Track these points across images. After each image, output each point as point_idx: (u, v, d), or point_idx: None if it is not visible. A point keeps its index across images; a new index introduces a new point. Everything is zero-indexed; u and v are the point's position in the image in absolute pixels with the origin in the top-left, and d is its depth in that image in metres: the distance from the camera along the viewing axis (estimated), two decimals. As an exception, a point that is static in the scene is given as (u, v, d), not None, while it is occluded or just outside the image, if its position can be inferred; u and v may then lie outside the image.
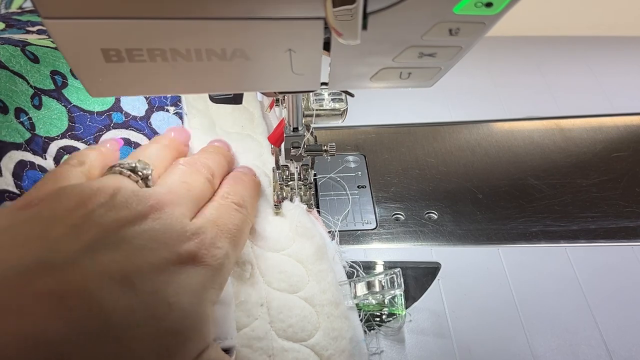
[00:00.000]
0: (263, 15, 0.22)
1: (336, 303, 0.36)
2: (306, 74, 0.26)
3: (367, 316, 0.38)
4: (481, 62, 0.66)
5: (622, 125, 0.58)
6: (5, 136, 0.40)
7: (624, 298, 0.41)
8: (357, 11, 0.21)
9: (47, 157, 0.42)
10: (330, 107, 0.39)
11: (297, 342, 0.34)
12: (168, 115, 0.50)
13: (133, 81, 0.25)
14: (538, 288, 0.41)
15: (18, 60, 0.43)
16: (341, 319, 0.36)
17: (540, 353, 0.37)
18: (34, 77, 0.43)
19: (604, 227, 0.46)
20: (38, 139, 0.42)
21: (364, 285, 0.38)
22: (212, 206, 0.36)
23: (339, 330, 0.35)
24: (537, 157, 0.54)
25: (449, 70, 0.27)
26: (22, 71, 0.43)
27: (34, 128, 0.42)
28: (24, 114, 0.42)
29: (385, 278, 0.38)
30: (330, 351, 0.34)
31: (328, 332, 0.35)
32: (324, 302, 0.37)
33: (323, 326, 0.35)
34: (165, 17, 0.22)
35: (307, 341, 0.35)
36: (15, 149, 0.40)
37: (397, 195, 0.49)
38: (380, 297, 0.38)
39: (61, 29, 0.22)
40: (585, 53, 0.69)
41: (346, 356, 0.34)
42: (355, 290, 0.38)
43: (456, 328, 0.39)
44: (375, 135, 0.56)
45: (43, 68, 0.44)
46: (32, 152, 0.41)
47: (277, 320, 0.36)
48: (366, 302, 0.38)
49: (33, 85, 0.43)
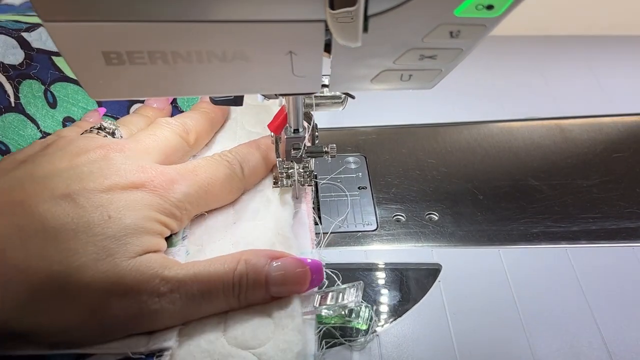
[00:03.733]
0: (264, 17, 0.22)
1: (292, 316, 0.36)
2: (307, 76, 0.26)
3: (328, 330, 0.37)
4: (481, 62, 0.66)
5: (623, 125, 0.58)
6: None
7: (625, 299, 0.41)
8: (357, 13, 0.21)
9: None
10: (331, 94, 0.39)
11: (245, 349, 0.34)
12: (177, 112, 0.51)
13: (134, 84, 0.25)
14: (539, 289, 0.41)
15: (36, 103, 0.45)
16: (294, 332, 0.35)
17: (541, 355, 0.37)
18: (46, 122, 0.46)
19: (604, 228, 0.46)
20: None
21: (326, 296, 0.37)
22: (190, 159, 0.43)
23: (289, 342, 0.35)
24: (538, 157, 0.54)
25: (449, 72, 0.27)
26: (36, 116, 0.45)
27: None
28: None
29: (348, 290, 0.37)
30: None
31: (278, 344, 0.34)
32: (282, 314, 0.36)
33: (275, 337, 0.35)
34: (166, 19, 0.22)
35: (256, 349, 0.34)
36: None
37: (397, 196, 0.49)
38: (339, 309, 0.37)
39: (62, 31, 0.22)
40: (586, 53, 0.69)
41: None
42: (316, 302, 0.38)
43: (457, 330, 0.39)
44: (375, 136, 0.56)
45: (57, 115, 0.47)
46: None
47: (231, 330, 0.35)
48: (326, 314, 0.37)
49: (43, 130, 0.45)
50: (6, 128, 0.42)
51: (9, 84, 0.43)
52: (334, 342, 0.37)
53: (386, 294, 0.41)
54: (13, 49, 0.44)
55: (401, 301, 0.40)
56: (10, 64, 0.43)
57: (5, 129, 0.42)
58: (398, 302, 0.40)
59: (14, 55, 0.44)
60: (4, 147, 0.42)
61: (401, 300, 0.40)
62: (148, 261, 0.34)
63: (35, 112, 0.45)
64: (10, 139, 0.42)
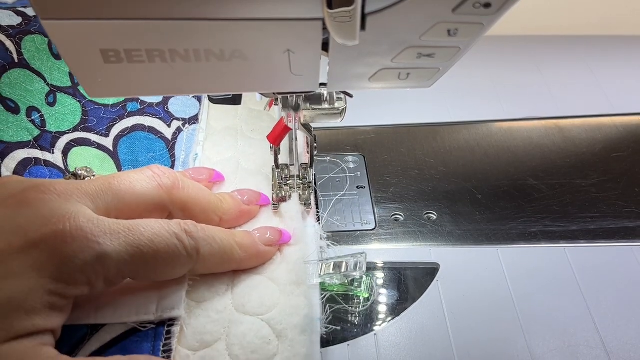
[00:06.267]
0: (262, 16, 0.22)
1: (298, 283, 0.38)
2: (305, 75, 0.26)
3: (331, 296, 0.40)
4: (480, 61, 0.66)
5: (622, 125, 0.58)
6: (12, 137, 0.41)
7: (623, 298, 0.41)
8: (355, 13, 0.21)
9: (54, 151, 0.43)
10: (329, 106, 0.39)
11: (253, 315, 0.36)
12: (187, 98, 0.51)
13: (132, 82, 0.25)
14: (537, 288, 0.41)
15: (41, 57, 0.44)
16: (300, 297, 0.37)
17: (539, 353, 0.37)
18: (53, 75, 0.45)
19: (603, 227, 0.46)
20: (47, 135, 0.43)
21: (329, 265, 0.39)
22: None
23: (295, 307, 0.37)
24: (537, 157, 0.54)
25: (447, 71, 0.27)
26: (42, 69, 0.44)
27: (44, 125, 0.43)
28: (36, 112, 0.43)
29: (351, 261, 0.39)
30: (283, 325, 0.36)
31: (285, 309, 0.36)
32: (287, 281, 0.38)
33: (282, 303, 0.37)
34: (164, 17, 0.22)
35: (264, 315, 0.36)
36: (20, 148, 0.41)
37: (396, 195, 0.49)
38: (343, 278, 0.40)
39: (60, 29, 0.22)
40: (585, 53, 0.69)
41: (298, 331, 0.35)
42: (321, 270, 0.39)
43: (455, 329, 0.39)
44: (374, 136, 0.56)
45: (64, 66, 0.45)
46: (39, 148, 0.42)
47: (239, 297, 0.37)
48: (329, 282, 0.40)
49: (50, 83, 0.44)
50: (13, 85, 0.41)
51: (9, 41, 0.42)
52: (337, 308, 0.39)
53: (384, 293, 0.41)
54: (9, 16, 0.43)
55: (399, 300, 0.40)
56: (9, 25, 0.43)
57: (12, 86, 0.41)
58: (396, 301, 0.40)
59: (11, 18, 0.43)
60: (13, 104, 0.41)
61: (399, 299, 0.40)
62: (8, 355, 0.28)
63: (40, 66, 0.43)
64: (19, 95, 0.42)
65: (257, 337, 0.35)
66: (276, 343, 0.35)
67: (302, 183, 0.44)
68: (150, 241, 0.32)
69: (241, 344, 0.35)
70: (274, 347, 0.35)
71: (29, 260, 0.29)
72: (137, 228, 0.32)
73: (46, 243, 0.29)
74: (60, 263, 0.29)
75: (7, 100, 0.41)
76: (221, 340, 0.35)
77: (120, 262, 0.31)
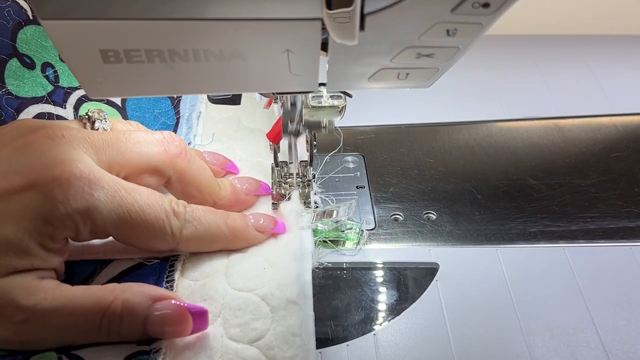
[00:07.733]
0: (261, 16, 0.23)
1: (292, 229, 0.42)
2: (304, 75, 0.26)
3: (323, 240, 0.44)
4: (479, 61, 0.66)
5: (621, 125, 0.58)
6: (28, 92, 0.42)
7: (623, 299, 0.41)
8: (354, 13, 0.21)
9: (67, 106, 0.44)
10: (329, 104, 0.39)
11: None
12: None
13: (131, 82, 0.25)
14: (536, 288, 0.41)
15: None
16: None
17: (538, 354, 0.37)
18: None
19: (602, 227, 0.46)
20: (60, 91, 0.44)
21: (321, 212, 0.43)
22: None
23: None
24: (536, 157, 0.54)
25: (446, 70, 0.27)
26: None
27: (58, 80, 0.44)
28: (50, 67, 0.44)
29: (341, 208, 0.43)
30: (278, 257, 0.39)
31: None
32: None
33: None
34: (163, 18, 0.22)
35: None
36: (34, 103, 0.42)
37: (395, 195, 0.49)
38: (332, 224, 0.43)
39: (59, 29, 0.22)
40: (584, 52, 0.69)
41: (289, 260, 0.39)
42: (313, 218, 0.43)
43: (454, 329, 0.39)
44: (374, 136, 0.56)
45: None
46: (52, 103, 0.43)
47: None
48: (321, 228, 0.43)
49: None
50: (28, 41, 0.42)
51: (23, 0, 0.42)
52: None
53: (384, 293, 0.41)
54: None
55: (399, 300, 0.40)
56: None
57: (28, 42, 0.42)
58: (395, 301, 0.40)
59: None
60: (29, 60, 0.42)
61: (399, 299, 0.40)
62: (8, 285, 0.30)
63: None
64: (34, 52, 0.42)
65: (253, 267, 0.38)
66: (271, 271, 0.38)
67: (302, 181, 0.44)
68: (141, 210, 0.33)
69: (239, 274, 0.38)
70: (270, 273, 0.38)
71: (26, 200, 0.30)
72: (134, 194, 0.33)
73: (44, 185, 0.30)
74: (52, 206, 0.30)
75: (24, 56, 0.42)
76: (220, 272, 0.38)
77: (107, 219, 0.32)
